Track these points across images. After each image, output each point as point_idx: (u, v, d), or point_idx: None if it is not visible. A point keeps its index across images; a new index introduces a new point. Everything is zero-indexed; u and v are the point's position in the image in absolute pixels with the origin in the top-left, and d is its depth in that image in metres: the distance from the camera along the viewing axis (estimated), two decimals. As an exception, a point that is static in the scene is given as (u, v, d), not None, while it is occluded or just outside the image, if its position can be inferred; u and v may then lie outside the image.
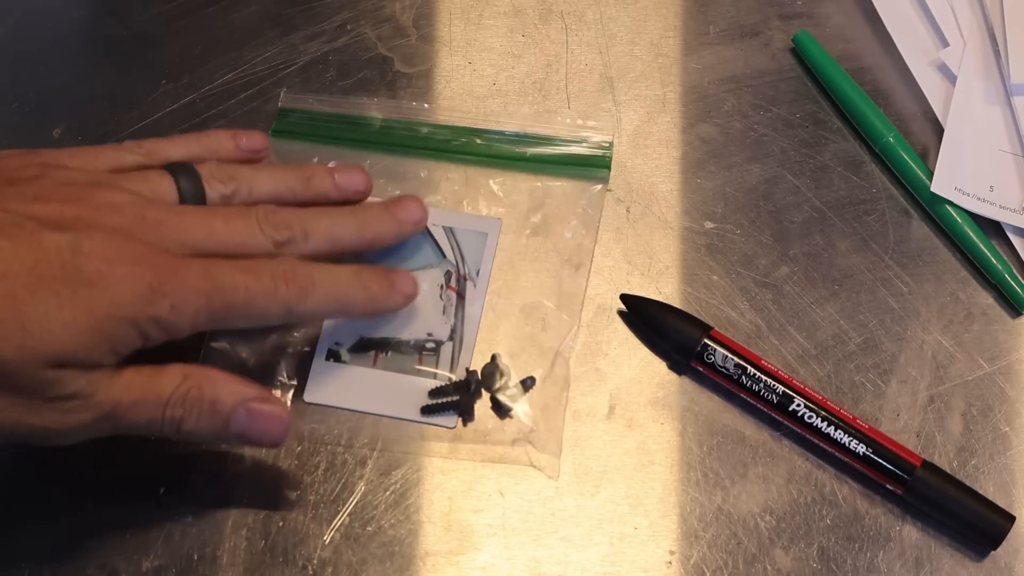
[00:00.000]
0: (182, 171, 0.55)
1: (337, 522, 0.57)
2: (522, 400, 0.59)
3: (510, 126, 0.65)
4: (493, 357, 0.60)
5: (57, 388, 0.49)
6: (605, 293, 0.62)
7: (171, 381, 0.52)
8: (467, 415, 0.59)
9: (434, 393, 0.59)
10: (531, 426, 0.59)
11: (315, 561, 0.56)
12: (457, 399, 0.59)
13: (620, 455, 0.59)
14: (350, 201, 0.60)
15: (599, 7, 0.69)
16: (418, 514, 0.57)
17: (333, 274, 0.55)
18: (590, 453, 0.59)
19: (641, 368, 0.61)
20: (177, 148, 0.57)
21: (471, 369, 0.59)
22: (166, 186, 0.54)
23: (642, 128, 0.66)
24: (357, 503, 0.58)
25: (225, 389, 0.53)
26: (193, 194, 0.55)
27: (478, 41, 0.68)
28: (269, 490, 0.58)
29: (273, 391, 0.59)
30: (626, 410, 0.60)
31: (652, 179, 0.65)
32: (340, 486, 0.58)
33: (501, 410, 0.59)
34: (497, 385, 0.59)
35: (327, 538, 0.57)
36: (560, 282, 0.62)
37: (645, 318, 0.61)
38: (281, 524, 0.57)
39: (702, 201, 0.64)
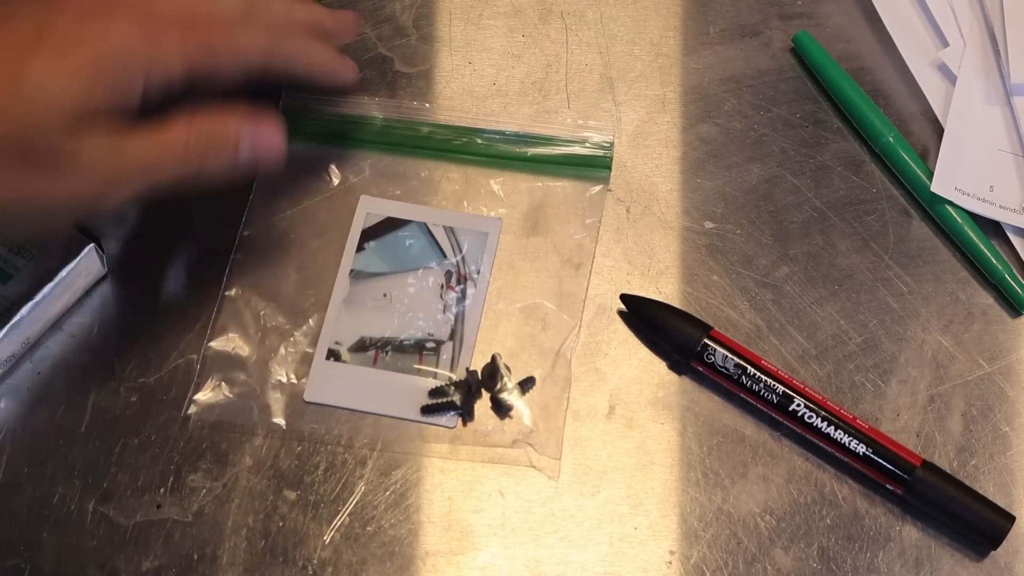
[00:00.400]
0: None
1: (337, 522, 0.57)
2: (522, 400, 0.59)
3: (510, 126, 0.65)
4: (493, 357, 0.60)
5: (79, 153, 0.50)
6: (605, 293, 0.62)
7: (181, 125, 0.53)
8: (467, 415, 0.59)
9: (434, 393, 0.59)
10: (531, 427, 0.59)
11: (315, 561, 0.56)
12: (457, 399, 0.59)
13: (620, 455, 0.59)
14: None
15: (599, 7, 0.69)
16: (418, 514, 0.57)
17: (301, 35, 0.58)
18: (590, 453, 0.59)
19: (641, 368, 0.61)
20: None
21: (471, 369, 0.59)
22: None
23: (642, 128, 0.66)
24: (357, 503, 0.58)
25: (225, 121, 0.54)
26: None
27: (478, 41, 0.68)
28: (269, 490, 0.58)
29: (273, 392, 0.59)
30: (626, 410, 0.60)
31: (652, 179, 0.65)
32: (340, 486, 0.58)
33: (501, 410, 0.59)
34: (497, 385, 0.59)
35: (327, 538, 0.57)
36: (560, 282, 0.62)
37: (645, 318, 0.61)
38: (281, 524, 0.57)
39: (702, 201, 0.64)
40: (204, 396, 0.59)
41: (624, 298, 0.61)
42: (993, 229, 0.64)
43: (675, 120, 0.66)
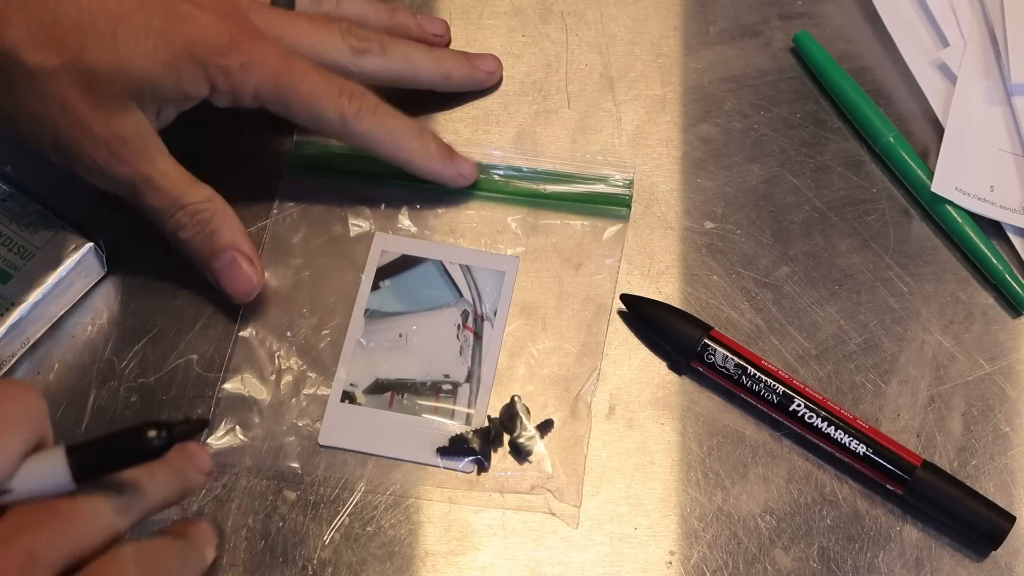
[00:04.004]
0: None
1: (337, 522, 0.57)
2: (541, 445, 0.58)
3: (529, 163, 0.64)
4: (513, 399, 0.59)
5: (123, 119, 0.56)
6: (605, 293, 0.62)
7: (198, 193, 0.59)
8: (485, 463, 0.58)
9: (454, 440, 0.58)
10: (551, 472, 0.58)
11: (315, 561, 0.56)
12: (476, 446, 0.58)
13: (620, 455, 0.59)
14: (428, 43, 0.66)
15: (599, 7, 0.69)
16: (418, 514, 0.57)
17: (396, 114, 0.61)
18: (590, 453, 0.58)
19: (641, 368, 0.60)
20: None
21: (492, 417, 0.58)
22: None
23: (642, 128, 0.66)
24: (357, 503, 0.58)
25: (229, 228, 0.59)
26: (285, 2, 0.62)
27: (478, 41, 0.68)
28: (269, 490, 0.58)
29: (287, 435, 0.59)
30: (626, 410, 0.59)
31: (652, 179, 0.65)
32: (340, 486, 0.58)
33: (520, 455, 0.58)
34: (516, 429, 0.58)
35: (327, 538, 0.57)
36: (579, 322, 0.61)
37: (645, 318, 0.61)
38: (281, 524, 0.57)
39: (702, 201, 0.64)
40: (218, 440, 0.58)
41: (624, 298, 0.61)
42: (993, 229, 0.64)
43: (675, 120, 0.66)
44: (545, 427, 0.58)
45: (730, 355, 0.59)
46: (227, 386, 0.59)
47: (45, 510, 0.45)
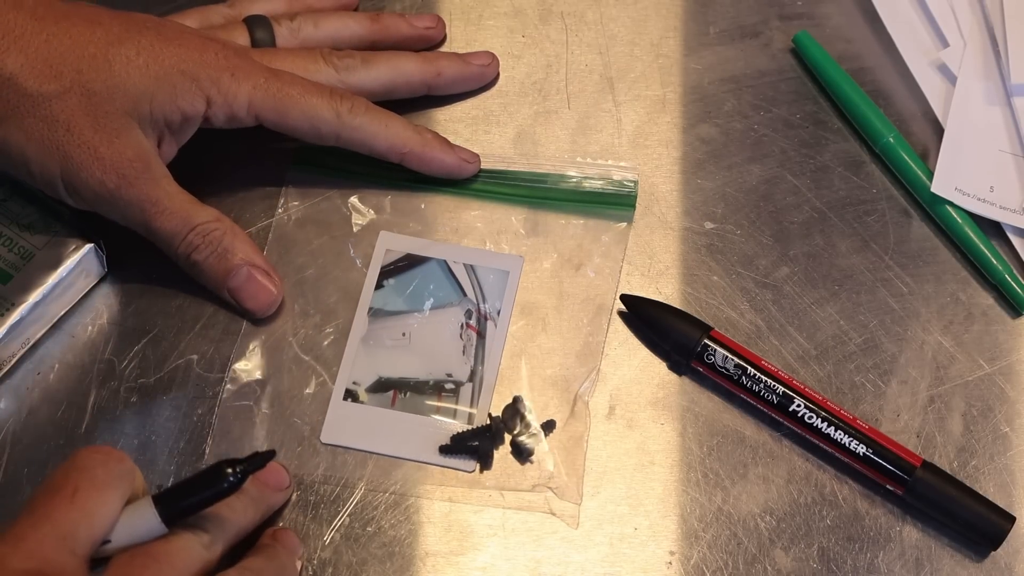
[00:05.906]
0: (257, 21, 0.64)
1: (337, 522, 0.57)
2: (543, 444, 0.58)
3: (534, 166, 0.64)
4: (516, 399, 0.59)
5: (126, 140, 0.56)
6: (606, 293, 0.62)
7: (207, 214, 0.59)
8: (487, 462, 0.58)
9: (456, 438, 0.58)
10: (552, 471, 0.58)
11: (315, 561, 0.56)
12: (477, 444, 0.58)
13: (620, 455, 0.59)
14: (422, 39, 0.66)
15: (599, 7, 0.69)
16: (418, 514, 0.57)
17: (389, 111, 0.62)
18: (590, 453, 0.58)
19: (641, 368, 0.60)
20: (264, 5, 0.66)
21: (495, 415, 0.58)
22: (239, 34, 0.63)
23: (642, 128, 0.66)
24: (357, 503, 0.58)
25: (241, 245, 0.60)
26: (265, 41, 0.63)
27: (478, 41, 0.68)
28: (269, 490, 0.58)
29: (289, 432, 0.59)
30: (626, 410, 0.59)
31: (652, 179, 0.65)
32: (340, 486, 0.58)
33: (522, 455, 0.58)
34: (518, 428, 0.58)
35: (327, 538, 0.57)
36: (581, 323, 0.61)
37: (645, 318, 0.61)
38: (281, 524, 0.57)
39: (702, 201, 0.64)
40: (222, 439, 0.58)
41: (624, 298, 0.61)
42: (993, 229, 0.64)
43: (675, 120, 0.66)
44: (547, 427, 0.58)
45: (730, 355, 0.59)
46: (230, 385, 0.59)
47: (144, 554, 0.48)
